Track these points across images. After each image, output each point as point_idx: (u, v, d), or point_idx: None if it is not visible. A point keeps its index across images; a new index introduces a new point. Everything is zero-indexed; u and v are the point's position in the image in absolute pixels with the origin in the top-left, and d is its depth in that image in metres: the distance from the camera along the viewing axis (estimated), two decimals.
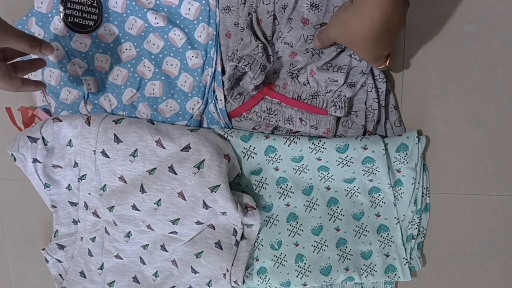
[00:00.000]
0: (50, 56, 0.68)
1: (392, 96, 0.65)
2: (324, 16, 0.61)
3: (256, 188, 0.68)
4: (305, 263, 0.67)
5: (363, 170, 0.64)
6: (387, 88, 0.64)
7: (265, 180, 0.68)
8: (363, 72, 0.61)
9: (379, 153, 0.62)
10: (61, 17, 0.67)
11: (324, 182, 0.67)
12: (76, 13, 0.67)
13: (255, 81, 0.61)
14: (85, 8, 0.67)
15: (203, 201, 0.64)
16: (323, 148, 0.63)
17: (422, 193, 0.66)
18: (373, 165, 0.63)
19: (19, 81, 0.60)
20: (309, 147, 0.63)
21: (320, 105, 0.62)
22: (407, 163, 0.64)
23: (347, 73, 0.61)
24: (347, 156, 0.63)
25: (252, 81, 0.61)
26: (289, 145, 0.64)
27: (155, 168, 0.66)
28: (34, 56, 0.65)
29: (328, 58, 0.61)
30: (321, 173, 0.66)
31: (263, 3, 0.62)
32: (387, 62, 0.59)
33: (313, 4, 0.61)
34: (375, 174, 0.64)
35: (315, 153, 0.63)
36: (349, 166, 0.64)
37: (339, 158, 0.63)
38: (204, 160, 0.63)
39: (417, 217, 0.66)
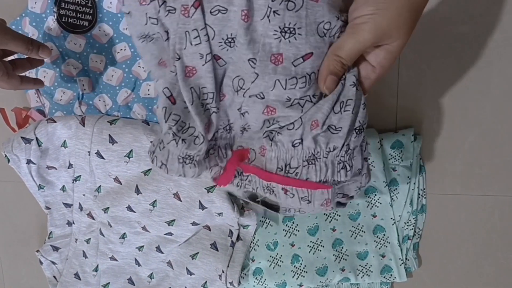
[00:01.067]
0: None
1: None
2: (306, 43, 0.40)
3: None
4: (301, 264, 0.67)
5: None
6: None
7: None
8: (365, 104, 0.43)
9: (374, 146, 0.63)
10: (55, 17, 0.66)
11: None
12: (70, 13, 0.66)
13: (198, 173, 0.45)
14: (80, 8, 0.66)
15: (199, 201, 0.64)
16: None
17: (418, 194, 0.66)
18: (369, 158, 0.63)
19: (18, 80, 0.60)
20: None
21: (320, 177, 0.43)
22: (401, 161, 0.65)
23: (355, 113, 0.42)
24: None
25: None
26: None
27: (150, 169, 0.65)
28: None
29: (335, 95, 0.42)
30: None
31: (191, 44, 0.41)
32: None
33: (285, 29, 0.40)
34: (371, 170, 0.65)
35: None
36: None
37: None
38: None
39: (413, 218, 0.66)
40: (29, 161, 0.67)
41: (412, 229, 0.67)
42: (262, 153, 0.45)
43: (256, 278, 0.68)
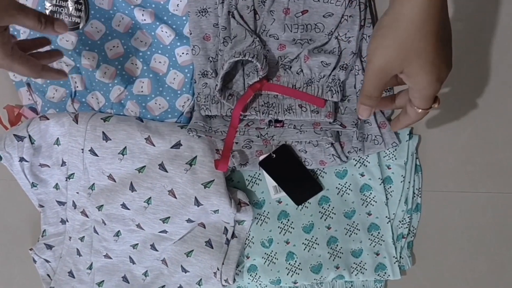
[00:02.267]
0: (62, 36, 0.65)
1: None
2: (304, 3, 0.61)
3: (249, 183, 0.68)
4: (295, 261, 0.67)
5: (354, 159, 0.65)
6: None
7: (258, 176, 0.68)
8: (353, 52, 0.61)
9: None
10: (47, 14, 0.66)
11: (316, 178, 0.67)
12: (62, 10, 0.66)
13: (262, 72, 0.59)
14: (71, 5, 0.66)
15: (195, 198, 0.64)
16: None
17: (414, 193, 0.67)
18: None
19: (39, 65, 0.55)
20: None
21: (315, 92, 0.61)
22: (395, 159, 0.65)
23: (339, 56, 0.61)
24: None
25: (259, 72, 0.60)
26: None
27: (145, 166, 0.65)
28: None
29: (320, 43, 0.61)
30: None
31: None
32: (437, 103, 0.49)
33: None
34: (366, 166, 0.65)
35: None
36: None
37: None
38: (196, 156, 0.63)
39: (408, 217, 0.67)
40: (21, 159, 0.67)
41: (407, 227, 0.67)
42: (278, 79, 0.62)
43: (250, 275, 0.68)
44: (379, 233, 0.67)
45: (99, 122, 0.66)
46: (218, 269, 0.66)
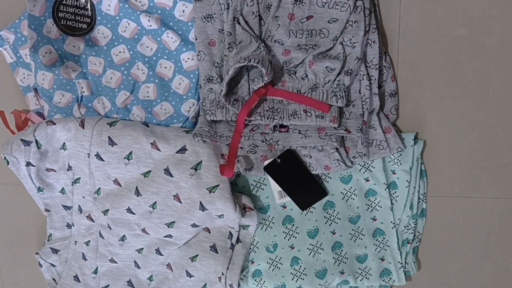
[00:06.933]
0: (43, 59, 0.67)
1: (390, 83, 0.65)
2: (309, 9, 0.61)
3: (253, 188, 0.68)
4: (300, 266, 0.67)
5: (359, 164, 0.65)
6: (381, 75, 0.64)
7: (263, 181, 0.68)
8: (358, 57, 0.61)
9: None
10: (54, 20, 0.66)
11: (321, 183, 0.67)
12: (69, 16, 0.66)
13: (267, 77, 0.60)
14: (78, 11, 0.66)
15: (200, 202, 0.64)
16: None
17: (419, 198, 0.66)
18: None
19: None
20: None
21: (320, 98, 0.61)
22: (400, 164, 0.65)
23: (343, 61, 0.61)
24: None
25: (264, 77, 0.60)
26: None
27: (150, 171, 0.65)
28: None
29: (324, 48, 0.61)
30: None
31: (247, 5, 0.62)
32: None
33: (298, 0, 0.61)
34: (371, 171, 0.65)
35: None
36: None
37: None
38: (201, 161, 0.63)
39: (413, 222, 0.66)
40: (28, 164, 0.67)
41: (412, 233, 0.67)
42: (283, 84, 0.63)
43: (255, 280, 0.68)
44: (384, 238, 0.66)
45: (105, 127, 0.66)
46: (222, 274, 0.66)
